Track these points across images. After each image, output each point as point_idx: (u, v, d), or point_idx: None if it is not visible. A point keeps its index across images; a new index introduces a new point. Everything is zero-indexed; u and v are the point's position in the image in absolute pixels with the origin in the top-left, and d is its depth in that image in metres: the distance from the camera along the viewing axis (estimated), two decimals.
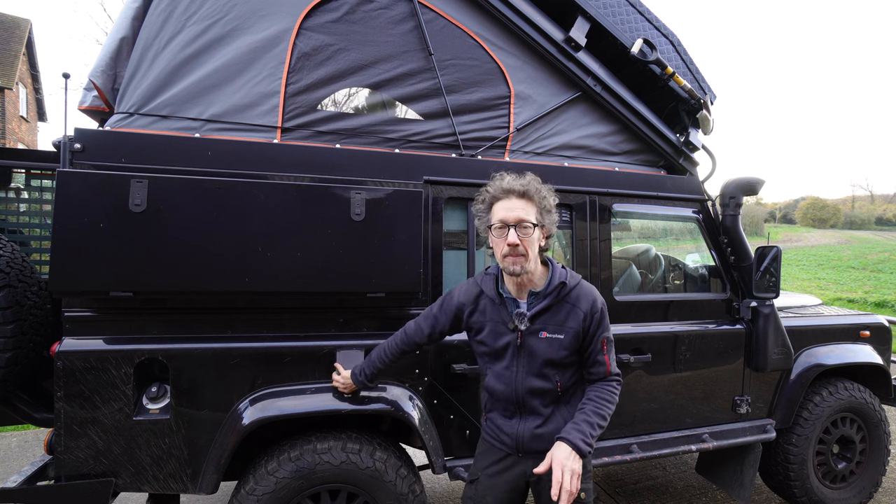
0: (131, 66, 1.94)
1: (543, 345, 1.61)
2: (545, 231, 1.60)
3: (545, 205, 1.59)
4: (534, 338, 1.62)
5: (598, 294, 1.65)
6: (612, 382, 1.65)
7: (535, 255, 1.57)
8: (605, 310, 1.64)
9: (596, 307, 1.61)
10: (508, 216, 1.53)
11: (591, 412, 1.58)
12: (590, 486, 1.65)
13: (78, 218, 1.66)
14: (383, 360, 1.85)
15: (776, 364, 2.62)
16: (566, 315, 1.60)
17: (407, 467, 2.03)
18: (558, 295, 1.61)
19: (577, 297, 1.62)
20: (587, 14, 2.39)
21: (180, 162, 1.88)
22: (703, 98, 2.55)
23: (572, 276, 1.65)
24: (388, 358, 1.84)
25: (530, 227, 1.53)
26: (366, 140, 2.20)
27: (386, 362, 1.85)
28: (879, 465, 3.04)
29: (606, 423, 1.59)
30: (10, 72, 16.94)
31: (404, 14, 2.23)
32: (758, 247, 2.66)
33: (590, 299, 1.62)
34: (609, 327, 1.66)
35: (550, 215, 1.60)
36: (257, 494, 1.83)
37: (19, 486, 1.80)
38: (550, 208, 1.60)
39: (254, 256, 1.80)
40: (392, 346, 1.84)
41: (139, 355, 1.80)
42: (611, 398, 1.62)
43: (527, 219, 1.53)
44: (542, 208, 1.58)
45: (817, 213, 48.52)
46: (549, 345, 1.61)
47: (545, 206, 1.59)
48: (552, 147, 2.47)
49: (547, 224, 1.59)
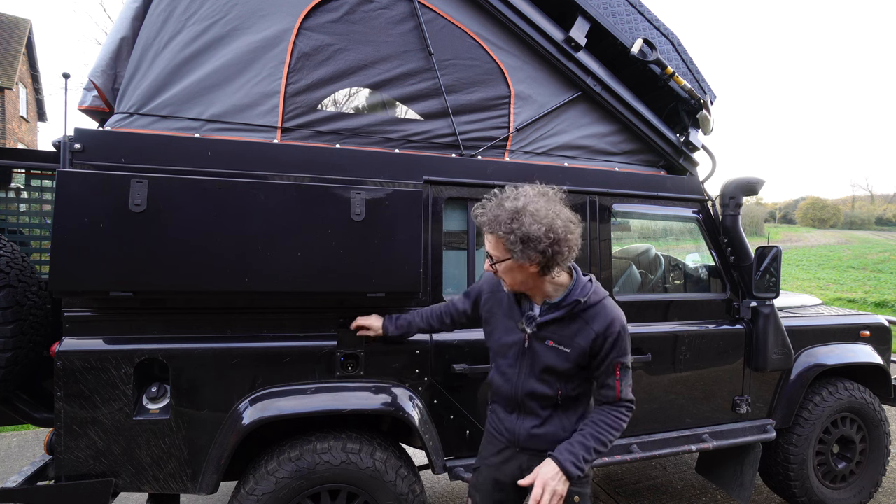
0: (131, 66, 1.94)
1: (548, 353, 1.59)
2: (533, 259, 1.44)
3: (514, 238, 1.43)
4: (540, 344, 1.60)
5: (619, 317, 1.55)
6: (621, 409, 1.58)
7: (520, 281, 1.54)
8: (623, 334, 1.54)
9: (612, 330, 1.52)
10: (486, 245, 1.57)
11: (590, 435, 1.54)
12: (586, 492, 1.63)
13: (78, 218, 1.66)
14: (423, 317, 1.98)
15: (776, 364, 2.62)
16: (577, 331, 1.55)
17: (407, 467, 2.03)
18: (572, 310, 1.55)
19: (593, 315, 1.55)
20: (587, 14, 2.39)
21: (180, 162, 1.88)
22: (703, 98, 2.56)
23: (595, 294, 1.56)
24: (427, 318, 1.97)
25: (496, 263, 1.53)
26: (366, 140, 2.20)
27: (422, 320, 1.97)
28: (879, 465, 3.04)
29: (606, 448, 1.55)
30: (10, 72, 16.94)
31: (404, 14, 2.23)
32: (758, 247, 2.66)
33: (606, 321, 1.53)
34: (627, 352, 1.57)
35: (528, 245, 1.42)
36: (257, 494, 1.84)
37: (19, 486, 1.80)
38: (524, 238, 1.42)
39: (254, 256, 1.80)
40: (434, 310, 1.98)
41: (139, 355, 1.80)
42: (615, 424, 1.56)
43: (497, 255, 1.52)
44: (511, 242, 1.43)
45: (817, 213, 48.53)
46: (554, 354, 1.58)
47: (514, 238, 1.43)
48: (552, 147, 2.47)
49: (519, 256, 1.44)
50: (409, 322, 1.98)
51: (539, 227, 1.41)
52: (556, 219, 1.44)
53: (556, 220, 1.44)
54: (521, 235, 1.42)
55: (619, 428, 1.56)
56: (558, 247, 1.43)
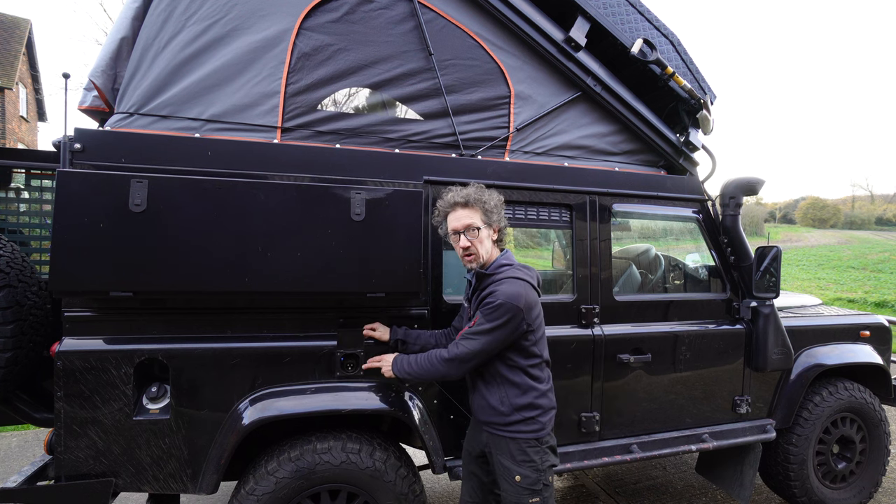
0: (131, 66, 1.94)
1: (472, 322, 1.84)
2: (495, 226, 1.85)
3: (487, 206, 1.83)
4: (468, 314, 1.91)
5: (510, 292, 1.72)
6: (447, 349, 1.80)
7: (488, 249, 1.85)
8: (500, 300, 1.70)
9: (494, 296, 1.72)
10: (457, 225, 1.82)
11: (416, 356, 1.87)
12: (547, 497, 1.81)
13: (78, 218, 1.66)
14: (435, 338, 2.06)
15: (776, 364, 2.62)
16: (485, 298, 1.78)
17: (407, 467, 2.03)
18: (482, 280, 1.84)
19: (494, 284, 1.78)
20: (587, 14, 2.39)
21: (180, 162, 1.88)
22: (703, 98, 2.55)
23: (506, 271, 1.80)
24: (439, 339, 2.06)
25: (477, 230, 1.81)
26: (366, 140, 2.20)
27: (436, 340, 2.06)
28: (879, 465, 3.04)
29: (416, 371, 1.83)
30: (10, 72, 16.93)
31: (404, 14, 2.23)
32: (758, 247, 2.66)
33: (493, 289, 1.76)
34: (493, 318, 1.71)
35: (496, 212, 1.84)
36: (257, 494, 1.84)
37: (19, 486, 1.80)
38: (492, 208, 1.84)
39: (254, 256, 1.80)
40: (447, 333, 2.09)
41: (139, 355, 1.80)
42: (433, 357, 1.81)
43: (472, 223, 1.81)
44: (486, 210, 1.82)
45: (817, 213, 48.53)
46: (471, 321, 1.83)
47: (487, 207, 1.83)
48: (552, 147, 2.47)
49: (493, 221, 1.85)
50: (419, 335, 2.07)
51: (495, 199, 1.86)
52: (496, 196, 1.89)
53: (496, 196, 1.89)
54: (489, 206, 1.83)
55: (432, 363, 1.80)
56: (502, 217, 1.87)
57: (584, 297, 2.37)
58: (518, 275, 1.79)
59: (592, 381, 2.37)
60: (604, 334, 2.37)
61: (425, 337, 2.06)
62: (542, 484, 1.78)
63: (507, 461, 1.80)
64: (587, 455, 2.35)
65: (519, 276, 1.78)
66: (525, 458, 1.78)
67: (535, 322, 1.79)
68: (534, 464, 1.78)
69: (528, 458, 1.78)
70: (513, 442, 1.79)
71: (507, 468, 1.79)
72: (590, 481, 3.48)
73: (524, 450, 1.78)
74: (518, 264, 1.85)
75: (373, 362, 1.97)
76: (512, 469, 1.78)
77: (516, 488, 1.77)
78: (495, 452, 1.84)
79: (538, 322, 1.81)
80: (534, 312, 1.78)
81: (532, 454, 1.78)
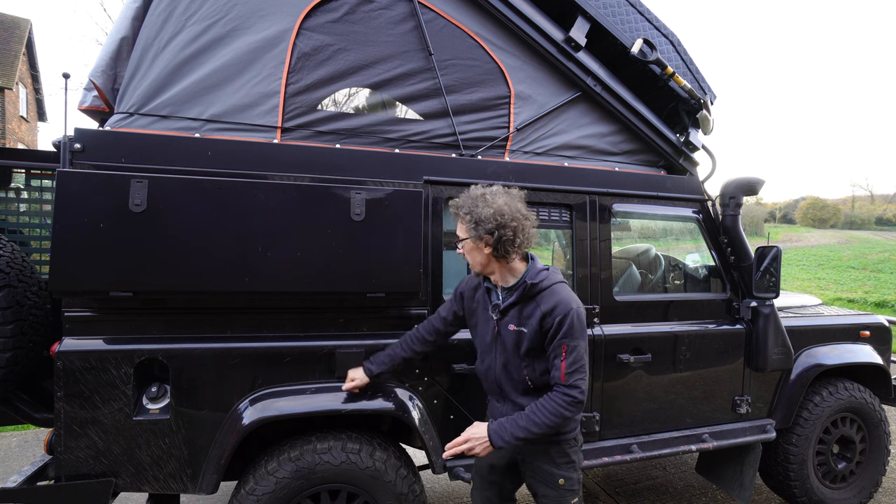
0: (131, 66, 1.94)
1: (511, 336, 1.74)
2: (484, 240, 1.66)
3: (470, 218, 1.67)
4: (505, 328, 1.75)
5: (569, 300, 1.64)
6: (562, 395, 1.62)
7: (481, 262, 1.73)
8: (571, 316, 1.61)
9: (557, 310, 1.62)
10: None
11: (524, 415, 1.64)
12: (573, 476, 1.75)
13: (78, 218, 1.66)
14: (403, 345, 1.95)
15: (776, 364, 2.62)
16: (531, 312, 1.69)
17: (407, 467, 2.03)
18: (524, 292, 1.69)
19: (543, 297, 1.67)
20: (587, 14, 2.39)
21: (180, 162, 1.88)
22: (703, 98, 2.55)
23: (549, 278, 1.70)
24: (410, 342, 1.95)
25: (461, 242, 1.73)
26: (366, 140, 2.20)
27: (403, 349, 1.95)
28: (879, 465, 3.04)
29: (538, 430, 1.60)
30: (10, 72, 16.93)
31: (404, 14, 2.23)
32: (758, 247, 2.66)
33: (552, 302, 1.64)
34: (576, 336, 1.62)
35: (480, 225, 1.65)
36: (257, 494, 1.84)
37: (19, 486, 1.80)
38: (477, 219, 1.65)
39: (254, 256, 1.80)
40: (414, 334, 1.97)
41: (139, 355, 1.80)
42: (552, 409, 1.60)
43: (459, 236, 1.75)
44: (468, 222, 1.67)
45: (817, 213, 48.53)
46: (515, 336, 1.72)
47: (469, 219, 1.67)
48: (552, 147, 2.47)
49: (473, 235, 1.67)
50: (388, 356, 1.94)
51: (489, 211, 1.64)
52: (506, 206, 1.66)
53: (505, 207, 1.66)
54: (476, 217, 1.66)
55: (557, 414, 1.60)
56: (504, 230, 1.63)
57: (584, 297, 2.37)
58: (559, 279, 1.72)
59: (592, 380, 2.37)
60: (604, 334, 2.37)
61: (395, 353, 1.94)
62: (579, 482, 1.77)
63: (548, 466, 1.75)
64: (587, 455, 2.35)
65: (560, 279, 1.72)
66: (566, 459, 1.75)
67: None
68: (573, 464, 1.76)
69: (568, 458, 1.75)
70: (555, 446, 1.74)
71: (549, 473, 1.75)
72: (590, 481, 3.48)
73: (565, 451, 1.75)
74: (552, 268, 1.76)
75: (457, 448, 1.69)
76: (555, 473, 1.74)
77: (559, 492, 1.74)
78: (533, 459, 1.78)
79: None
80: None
81: (572, 454, 1.76)
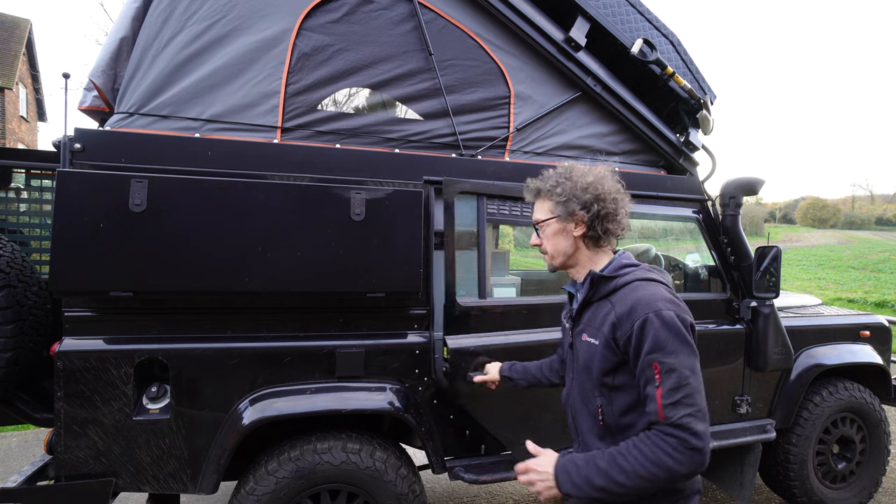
0: (131, 66, 1.94)
1: (584, 350, 1.31)
2: (576, 218, 1.31)
3: (561, 190, 1.32)
4: (579, 339, 1.35)
5: (652, 299, 1.18)
6: (665, 435, 1.10)
7: (564, 250, 1.35)
8: (655, 322, 1.14)
9: (635, 314, 1.16)
10: (533, 217, 1.44)
11: (609, 455, 1.15)
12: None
13: (78, 218, 1.66)
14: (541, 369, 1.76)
15: (776, 364, 2.62)
16: (604, 316, 1.25)
17: (407, 467, 2.03)
18: (592, 287, 1.29)
19: (619, 296, 1.24)
20: (587, 14, 2.39)
21: (180, 162, 1.88)
22: (703, 98, 2.56)
23: (632, 273, 1.27)
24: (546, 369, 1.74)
25: (544, 225, 1.37)
26: (366, 140, 2.20)
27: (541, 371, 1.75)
28: (879, 465, 3.04)
29: (626, 483, 1.10)
30: (10, 72, 16.93)
31: (404, 14, 2.23)
32: (758, 247, 2.66)
33: (629, 303, 1.19)
34: (670, 349, 1.13)
35: (573, 198, 1.30)
36: (257, 494, 1.84)
37: (19, 486, 1.80)
38: (571, 190, 1.30)
39: (254, 256, 1.80)
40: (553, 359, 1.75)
41: (139, 355, 1.80)
42: (650, 452, 1.09)
43: (540, 218, 1.39)
44: (557, 195, 1.32)
45: (817, 213, 48.54)
46: (588, 351, 1.29)
47: (560, 191, 1.32)
48: (552, 147, 2.47)
49: (563, 211, 1.31)
50: (525, 368, 1.80)
51: (585, 181, 1.31)
52: (606, 179, 1.32)
53: (606, 180, 1.32)
54: (569, 190, 1.31)
55: (657, 462, 1.08)
56: (603, 204, 1.29)
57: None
58: (651, 275, 1.27)
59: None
60: None
61: (530, 370, 1.77)
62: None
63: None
64: None
65: (652, 276, 1.26)
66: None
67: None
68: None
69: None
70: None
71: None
72: None
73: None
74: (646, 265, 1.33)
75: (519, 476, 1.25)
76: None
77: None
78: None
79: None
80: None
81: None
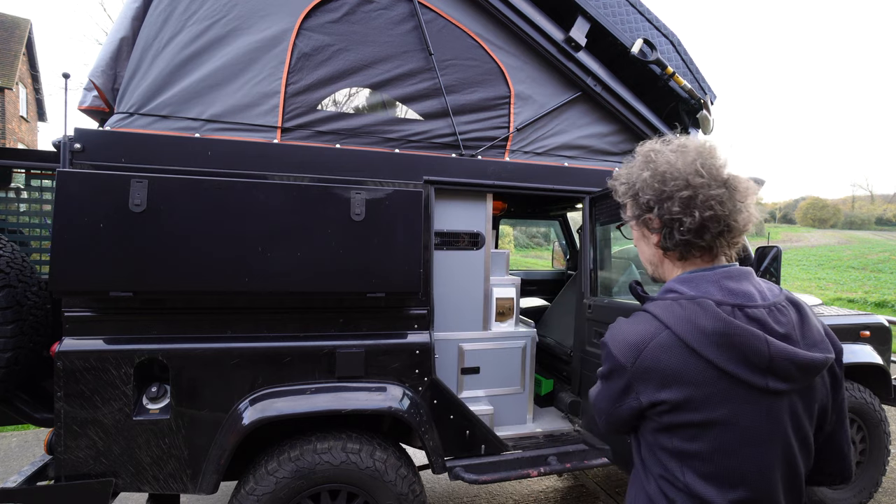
0: (131, 66, 1.94)
1: None
2: (645, 222, 1.01)
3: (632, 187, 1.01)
4: None
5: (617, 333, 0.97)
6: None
7: (650, 259, 1.09)
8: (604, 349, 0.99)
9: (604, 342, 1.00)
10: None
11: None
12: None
13: (78, 218, 1.66)
14: None
15: None
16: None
17: (407, 467, 2.03)
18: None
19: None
20: (587, 14, 2.39)
21: (180, 162, 1.88)
22: (703, 98, 2.56)
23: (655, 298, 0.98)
24: None
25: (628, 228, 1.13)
26: (366, 140, 2.20)
27: None
28: (879, 465, 3.03)
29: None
30: (10, 72, 16.93)
31: (404, 14, 2.23)
32: (758, 247, 2.65)
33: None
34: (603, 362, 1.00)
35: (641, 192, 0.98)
36: (257, 494, 1.83)
37: (19, 486, 1.80)
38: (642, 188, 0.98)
39: (253, 256, 1.80)
40: None
41: (139, 355, 1.80)
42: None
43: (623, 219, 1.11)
44: (631, 193, 1.01)
45: (817, 213, 48.57)
46: None
47: (632, 189, 1.01)
48: (552, 147, 2.47)
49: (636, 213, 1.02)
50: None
51: (647, 172, 0.97)
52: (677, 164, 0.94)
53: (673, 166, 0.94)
54: (638, 185, 0.99)
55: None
56: (668, 204, 0.94)
57: (584, 296, 2.37)
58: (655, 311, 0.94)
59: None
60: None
61: None
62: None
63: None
64: (587, 455, 2.35)
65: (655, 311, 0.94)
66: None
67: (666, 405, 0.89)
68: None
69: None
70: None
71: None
72: (590, 481, 3.48)
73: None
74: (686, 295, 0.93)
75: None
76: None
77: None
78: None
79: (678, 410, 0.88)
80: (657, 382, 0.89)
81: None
